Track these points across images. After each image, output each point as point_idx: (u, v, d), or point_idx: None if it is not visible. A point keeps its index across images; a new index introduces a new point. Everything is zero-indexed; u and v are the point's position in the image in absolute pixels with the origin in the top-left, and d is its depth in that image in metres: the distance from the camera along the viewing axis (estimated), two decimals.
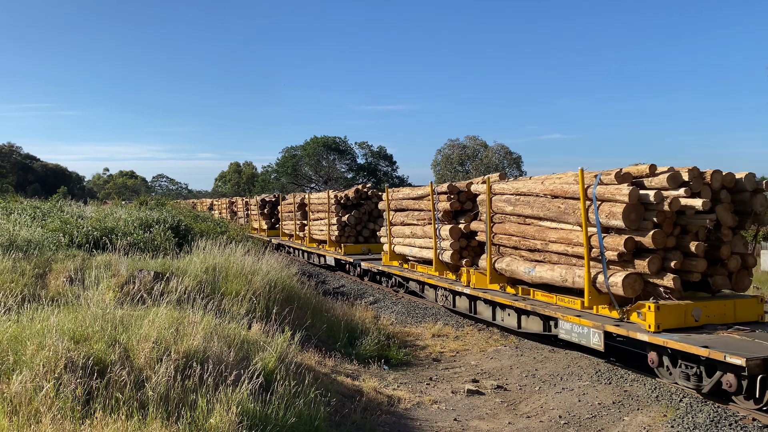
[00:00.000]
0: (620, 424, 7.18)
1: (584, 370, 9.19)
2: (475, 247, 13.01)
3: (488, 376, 9.47)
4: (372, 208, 20.70)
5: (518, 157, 64.40)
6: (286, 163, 67.70)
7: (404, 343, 11.44)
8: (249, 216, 34.83)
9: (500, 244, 11.51)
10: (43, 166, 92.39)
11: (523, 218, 10.95)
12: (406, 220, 15.47)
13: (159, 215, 16.72)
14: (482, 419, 7.62)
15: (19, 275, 9.45)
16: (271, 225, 31.68)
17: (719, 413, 7.18)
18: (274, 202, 31.81)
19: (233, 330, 7.48)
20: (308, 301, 11.77)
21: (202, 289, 9.40)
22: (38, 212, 17.65)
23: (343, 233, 20.66)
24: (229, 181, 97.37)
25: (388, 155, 70.39)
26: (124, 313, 7.09)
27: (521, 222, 11.02)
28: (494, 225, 11.62)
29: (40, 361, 5.43)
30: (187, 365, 5.98)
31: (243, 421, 5.38)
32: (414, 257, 15.16)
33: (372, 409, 7.51)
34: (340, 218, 20.72)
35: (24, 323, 6.45)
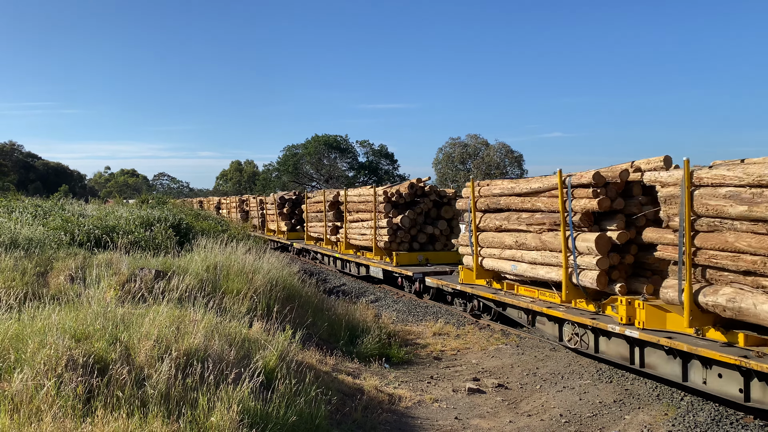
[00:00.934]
0: (621, 423, 7.17)
1: (585, 368, 9.19)
2: (629, 265, 9.18)
3: (489, 374, 9.47)
4: (429, 207, 17.01)
5: (519, 155, 64.37)
6: (288, 162, 67.71)
7: (405, 341, 11.44)
8: (264, 216, 31.49)
9: (710, 266, 7.28)
10: (45, 165, 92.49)
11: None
12: (505, 224, 11.22)
13: (160, 214, 16.73)
14: (483, 418, 7.62)
15: (20, 273, 9.46)
16: (291, 226, 27.77)
17: (720, 412, 7.17)
18: (296, 200, 28.10)
19: (234, 328, 7.48)
20: (309, 300, 11.77)
21: (203, 288, 9.41)
22: (39, 211, 17.66)
23: (394, 238, 16.71)
24: (230, 179, 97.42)
25: (389, 154, 70.40)
26: (125, 311, 7.09)
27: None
28: (698, 234, 7.34)
29: (41, 359, 5.44)
30: (188, 363, 5.98)
31: (244, 420, 5.38)
32: (518, 276, 11.08)
33: (373, 407, 7.51)
34: (390, 220, 16.75)
35: (25, 321, 6.46)
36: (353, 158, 69.11)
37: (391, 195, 16.95)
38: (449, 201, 17.10)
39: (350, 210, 19.53)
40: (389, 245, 16.80)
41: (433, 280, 14.28)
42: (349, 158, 68.98)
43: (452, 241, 16.58)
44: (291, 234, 27.40)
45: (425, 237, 17.09)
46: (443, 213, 17.06)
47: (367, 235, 18.12)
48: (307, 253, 24.97)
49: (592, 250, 8.97)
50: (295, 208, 27.87)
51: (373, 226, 17.45)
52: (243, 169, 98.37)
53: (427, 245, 17.18)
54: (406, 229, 16.77)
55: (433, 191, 17.10)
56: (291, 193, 29.39)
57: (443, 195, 17.14)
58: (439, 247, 17.13)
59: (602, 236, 8.97)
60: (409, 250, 16.87)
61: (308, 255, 24.85)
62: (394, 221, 16.74)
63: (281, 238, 27.89)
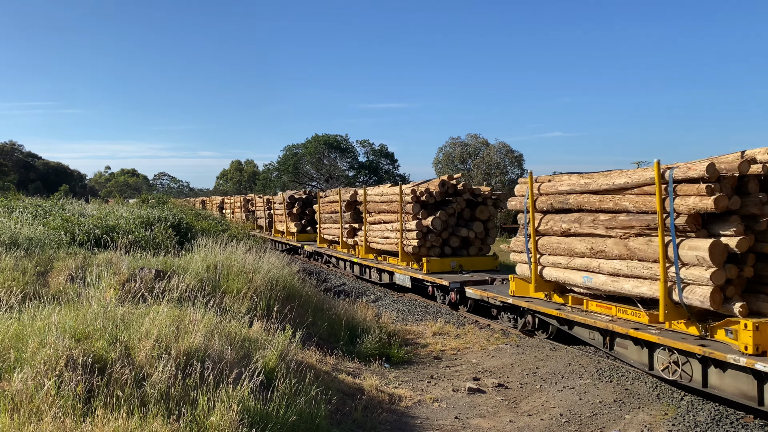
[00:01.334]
0: (621, 423, 7.17)
1: (585, 368, 9.19)
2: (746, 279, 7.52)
3: (489, 374, 9.47)
4: (462, 207, 15.30)
5: (520, 155, 64.27)
6: (288, 161, 67.69)
7: (405, 341, 11.44)
8: (272, 216, 29.86)
9: None
10: (45, 165, 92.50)
11: None
12: (576, 227, 9.44)
13: (160, 213, 16.73)
14: (483, 417, 7.61)
15: (20, 273, 9.46)
16: (301, 227, 26.15)
17: (720, 412, 7.18)
18: (306, 200, 26.48)
19: (234, 328, 7.48)
20: (309, 300, 11.77)
21: (203, 288, 9.41)
22: (40, 210, 17.67)
23: (423, 243, 14.95)
24: (230, 179, 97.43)
25: (390, 153, 70.36)
26: (125, 311, 7.09)
27: None
28: None
29: (41, 359, 5.44)
30: (187, 363, 5.98)
31: (244, 419, 5.38)
32: (592, 289, 9.35)
33: (373, 407, 7.51)
34: (420, 222, 14.98)
35: (25, 321, 6.46)
36: (353, 158, 69.09)
37: (420, 194, 15.22)
38: (485, 200, 15.60)
39: (371, 210, 17.84)
40: (418, 250, 15.08)
41: (475, 291, 12.42)
42: (349, 158, 68.96)
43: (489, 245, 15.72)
44: (301, 236, 25.94)
45: (458, 241, 15.38)
46: (478, 214, 15.42)
47: (391, 239, 16.44)
48: (319, 256, 23.34)
49: (704, 260, 7.17)
50: (305, 208, 26.40)
51: (399, 228, 15.74)
52: (243, 168, 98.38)
53: (460, 250, 15.50)
54: (437, 232, 15.00)
55: (467, 189, 15.46)
56: (301, 192, 27.64)
57: (478, 193, 15.57)
58: (473, 252, 15.49)
59: (717, 243, 7.17)
60: (441, 256, 15.23)
61: (320, 258, 23.25)
62: (423, 223, 14.96)
63: (290, 240, 26.44)
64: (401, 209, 15.68)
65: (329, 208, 21.75)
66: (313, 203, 25.62)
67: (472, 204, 15.59)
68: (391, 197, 16.57)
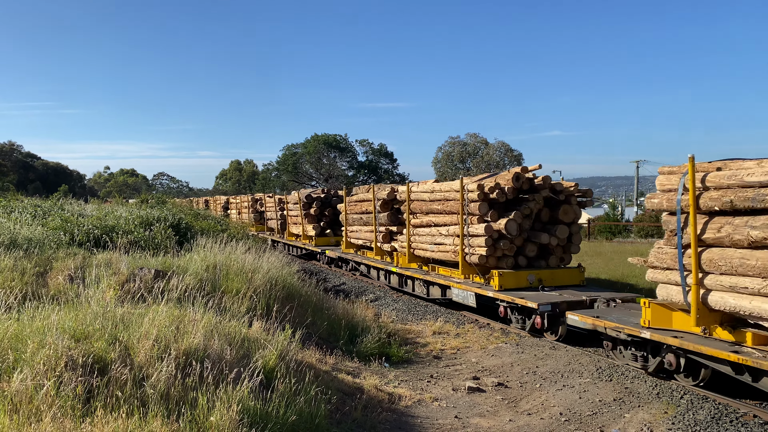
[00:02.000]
0: (621, 421, 7.18)
1: (585, 367, 9.19)
2: None
3: (489, 373, 9.47)
4: (540, 206, 12.62)
5: (519, 154, 64.48)
6: (287, 161, 67.75)
7: (405, 340, 11.44)
8: (286, 218, 27.31)
9: None
10: (44, 165, 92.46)
11: None
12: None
13: (160, 213, 16.72)
14: (483, 416, 7.62)
15: (19, 274, 9.46)
16: (320, 230, 23.57)
17: (720, 410, 7.18)
18: (325, 200, 24.04)
19: (234, 328, 7.48)
20: (309, 299, 11.76)
21: (203, 287, 9.40)
22: (39, 211, 17.66)
23: (493, 251, 12.31)
24: (230, 179, 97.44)
25: (389, 153, 70.47)
26: (124, 311, 7.09)
27: None
28: None
29: (40, 359, 5.44)
30: (187, 363, 5.98)
31: (243, 419, 5.38)
32: None
33: (373, 406, 7.51)
34: (489, 225, 12.35)
35: (24, 321, 6.45)
36: (353, 157, 69.15)
37: (489, 190, 12.51)
38: (568, 198, 12.83)
39: (416, 210, 15.20)
40: (485, 260, 12.35)
41: (585, 319, 9.52)
42: (348, 157, 69.01)
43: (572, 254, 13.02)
44: (320, 239, 23.42)
45: (534, 249, 12.62)
46: (561, 215, 12.66)
47: (446, 246, 13.75)
48: (344, 263, 20.67)
49: None
50: (324, 208, 23.89)
51: (459, 233, 13.02)
52: (243, 168, 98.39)
53: (537, 261, 12.76)
54: (511, 239, 12.30)
55: (547, 185, 12.72)
56: (318, 190, 25.10)
57: (559, 189, 12.79)
58: (553, 263, 12.79)
59: None
60: (514, 267, 12.47)
61: (346, 265, 20.59)
62: (494, 227, 12.26)
63: (308, 244, 23.99)
64: (462, 209, 12.99)
65: (358, 208, 19.06)
66: (332, 203, 23.67)
67: (552, 203, 12.81)
68: (447, 194, 13.85)
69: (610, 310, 10.18)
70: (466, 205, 12.95)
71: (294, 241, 25.90)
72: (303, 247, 24.57)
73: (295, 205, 25.64)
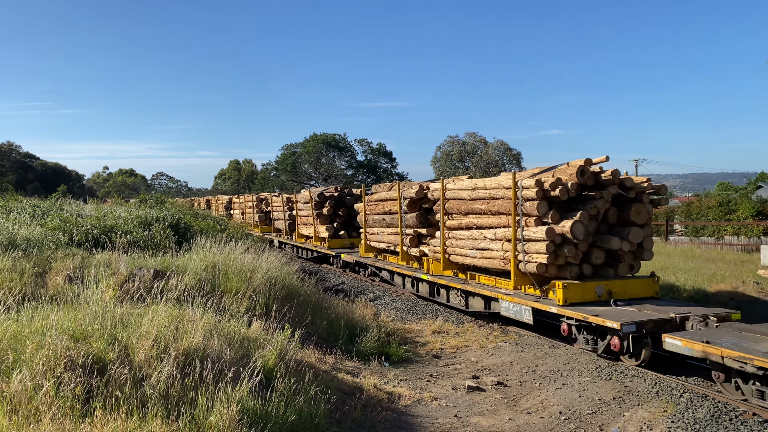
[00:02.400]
0: (620, 420, 7.18)
1: (584, 366, 9.20)
2: None
3: (488, 372, 9.47)
4: (608, 206, 10.70)
5: (518, 153, 64.48)
6: (286, 161, 67.74)
7: (404, 339, 11.44)
8: (295, 218, 25.82)
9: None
10: (43, 165, 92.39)
11: None
12: None
13: (158, 213, 16.70)
14: (483, 415, 7.62)
15: (18, 274, 9.45)
16: (334, 232, 22.10)
17: (719, 408, 7.18)
18: (339, 199, 22.47)
19: (233, 328, 7.47)
20: (308, 299, 11.76)
21: (202, 287, 9.40)
22: (38, 211, 17.64)
23: (555, 258, 10.38)
24: (228, 178, 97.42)
25: (388, 152, 70.46)
26: (123, 311, 7.09)
27: None
28: None
29: (39, 359, 5.43)
30: (186, 363, 5.98)
31: (243, 419, 5.38)
32: None
33: (372, 406, 7.51)
34: (551, 228, 10.30)
35: (23, 322, 6.45)
36: (352, 157, 69.14)
37: (550, 187, 10.46)
38: (639, 196, 10.81)
39: (453, 211, 13.27)
40: (545, 269, 10.49)
41: (689, 344, 7.89)
42: (347, 157, 68.99)
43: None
44: (333, 241, 21.94)
45: (601, 256, 10.73)
46: (633, 216, 10.69)
47: (492, 251, 11.77)
48: (362, 268, 19.05)
49: None
50: (338, 208, 22.37)
51: (510, 236, 11.07)
52: (241, 168, 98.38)
53: (604, 269, 10.89)
54: (576, 243, 10.33)
55: (616, 180, 10.75)
56: (332, 188, 23.46)
57: (630, 186, 10.76)
58: (623, 271, 10.89)
59: None
60: (579, 277, 10.60)
61: (364, 271, 18.96)
62: (557, 230, 10.26)
63: (320, 247, 22.49)
64: (515, 209, 10.94)
65: (380, 208, 17.28)
66: (346, 202, 22.33)
67: (621, 201, 10.97)
68: (493, 192, 11.81)
69: (714, 331, 8.45)
70: (519, 205, 10.86)
71: (304, 243, 24.50)
72: (314, 249, 23.11)
73: (305, 204, 24.07)
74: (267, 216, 31.20)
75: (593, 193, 10.72)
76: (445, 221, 13.50)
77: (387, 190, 17.20)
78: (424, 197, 15.02)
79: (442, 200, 13.54)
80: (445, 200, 13.52)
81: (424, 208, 15.23)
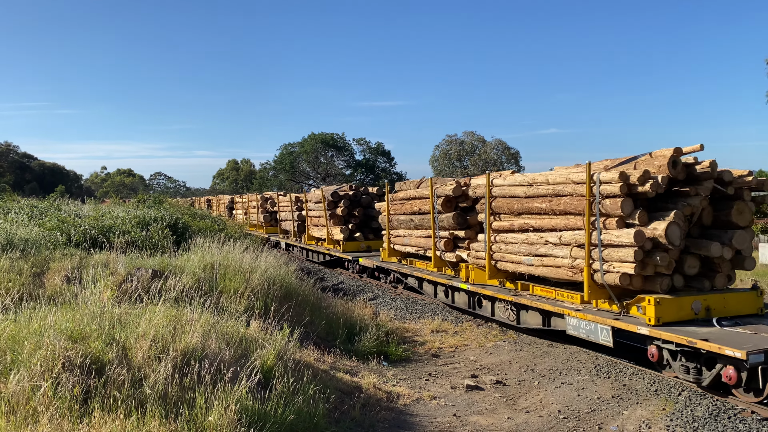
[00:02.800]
0: (619, 418, 7.18)
1: (583, 364, 9.20)
2: None
3: (487, 371, 9.47)
4: (704, 204, 8.88)
5: (516, 152, 64.56)
6: (284, 160, 67.70)
7: (403, 339, 11.43)
8: (305, 219, 24.02)
9: None
10: (41, 165, 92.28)
11: None
12: None
13: (157, 213, 16.68)
14: (481, 414, 7.62)
15: (16, 274, 9.44)
16: (349, 234, 20.37)
17: (718, 407, 7.19)
18: (354, 198, 20.83)
19: (231, 327, 7.46)
20: (307, 298, 11.75)
21: (200, 287, 9.39)
22: (35, 211, 17.62)
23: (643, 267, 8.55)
24: (227, 178, 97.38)
25: (386, 151, 70.46)
26: (121, 311, 7.07)
27: None
28: None
29: (37, 360, 5.42)
30: (185, 363, 5.97)
31: (242, 419, 5.38)
32: None
33: (371, 405, 7.51)
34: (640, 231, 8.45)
35: (21, 322, 6.43)
36: (350, 156, 69.12)
37: (638, 181, 8.60)
38: (739, 193, 8.98)
39: (500, 210, 11.38)
40: (629, 280, 8.65)
41: None
42: (345, 156, 68.98)
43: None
44: (349, 244, 20.25)
45: (696, 264, 8.90)
46: (734, 216, 8.87)
47: (556, 258, 9.83)
48: (383, 273, 17.33)
49: None
50: (353, 207, 20.73)
51: (585, 240, 9.14)
52: (240, 168, 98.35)
53: (698, 280, 8.99)
54: (670, 249, 8.53)
55: (714, 173, 8.84)
56: (346, 186, 21.72)
57: (728, 181, 8.92)
58: (720, 282, 9.06)
59: None
60: (671, 290, 8.74)
61: (385, 277, 17.23)
62: (647, 233, 8.47)
63: (333, 250, 20.91)
64: (589, 208, 9.08)
65: (407, 208, 15.47)
66: (362, 201, 20.77)
67: (717, 199, 9.09)
68: (559, 188, 9.87)
69: None
70: (596, 203, 9.01)
71: (315, 246, 22.81)
72: (327, 252, 21.40)
73: (317, 204, 22.22)
74: (272, 216, 29.94)
75: (686, 188, 8.88)
76: (491, 222, 11.65)
77: (415, 188, 15.57)
78: (462, 195, 13.26)
79: (488, 198, 11.67)
80: (491, 198, 11.66)
81: (461, 207, 13.49)
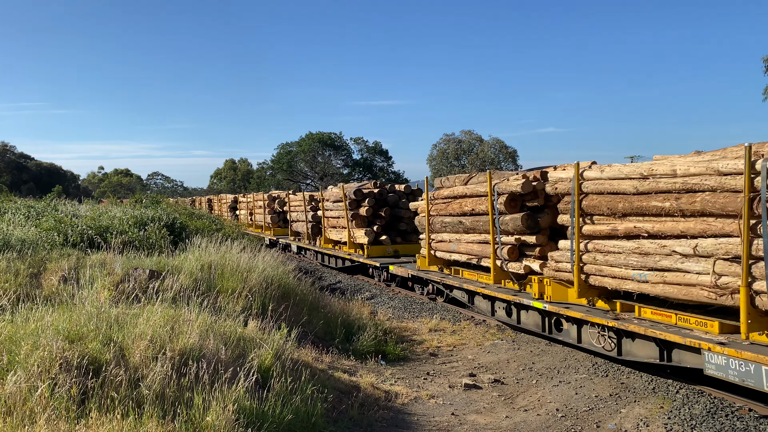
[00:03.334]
0: (617, 417, 7.19)
1: (581, 363, 9.21)
2: None
3: (485, 370, 9.48)
4: None
5: (514, 151, 64.61)
6: (282, 160, 67.67)
7: (401, 338, 11.43)
8: (320, 219, 21.87)
9: None
10: (38, 165, 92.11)
11: None
12: None
13: (154, 213, 16.66)
14: (480, 413, 7.62)
15: (13, 275, 9.41)
16: (374, 237, 17.96)
17: (715, 404, 7.20)
18: (380, 197, 18.45)
19: (229, 327, 7.45)
20: (305, 298, 11.74)
21: (198, 287, 9.38)
22: (32, 211, 17.59)
23: None
24: (224, 178, 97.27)
25: (384, 151, 70.49)
26: (119, 311, 7.06)
27: None
28: None
29: (34, 361, 5.41)
30: (182, 363, 5.96)
31: (239, 419, 5.37)
32: None
33: (369, 404, 7.50)
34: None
35: (18, 323, 6.42)
36: (347, 155, 69.12)
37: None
38: None
39: (595, 211, 8.94)
40: None
41: None
42: (343, 155, 68.98)
43: None
44: (374, 248, 17.88)
45: None
46: None
47: (689, 274, 7.39)
48: (421, 284, 15.09)
49: None
50: (379, 207, 18.34)
51: (742, 251, 6.65)
52: (237, 167, 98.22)
53: None
54: None
55: None
56: (369, 184, 19.42)
57: None
58: None
59: None
60: None
61: (422, 287, 15.06)
62: None
63: (355, 255, 18.50)
64: (749, 207, 6.63)
65: (454, 208, 12.82)
66: (388, 200, 18.47)
67: None
68: (695, 181, 7.38)
69: None
70: (760, 201, 6.59)
71: (333, 250, 20.56)
72: (348, 258, 19.06)
73: (336, 203, 19.78)
74: (281, 217, 28.03)
75: None
76: (581, 225, 9.19)
77: (462, 184, 12.89)
78: (533, 192, 10.59)
79: (576, 195, 9.17)
80: (580, 195, 9.19)
81: (529, 207, 10.82)
